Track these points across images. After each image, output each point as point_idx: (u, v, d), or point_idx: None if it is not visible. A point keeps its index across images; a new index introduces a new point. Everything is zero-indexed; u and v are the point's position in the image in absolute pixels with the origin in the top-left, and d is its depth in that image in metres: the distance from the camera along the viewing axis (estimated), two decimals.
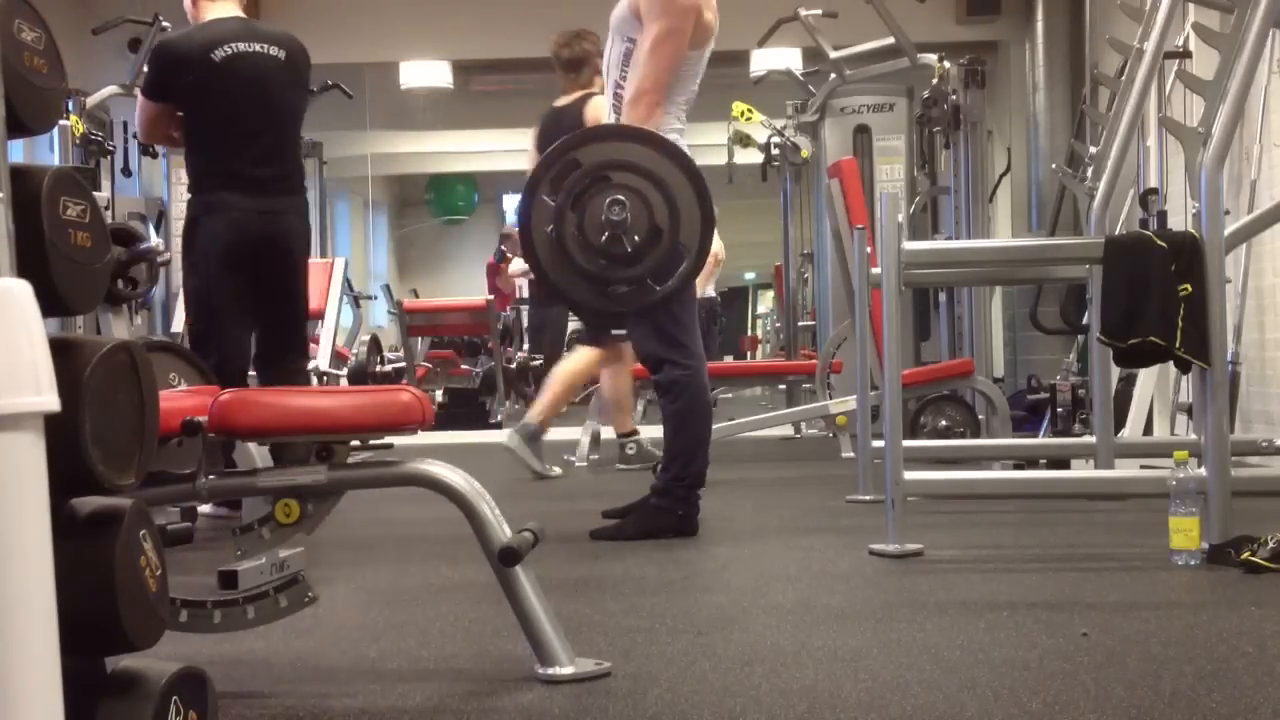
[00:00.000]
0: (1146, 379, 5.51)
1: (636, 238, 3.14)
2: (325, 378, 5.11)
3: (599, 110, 3.70)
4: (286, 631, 2.48)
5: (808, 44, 8.43)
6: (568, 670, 2.12)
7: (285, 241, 4.13)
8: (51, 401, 1.22)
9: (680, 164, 3.20)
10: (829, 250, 7.25)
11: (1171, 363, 3.27)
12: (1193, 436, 4.62)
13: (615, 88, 3.65)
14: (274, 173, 4.14)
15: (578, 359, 5.57)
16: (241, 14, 4.19)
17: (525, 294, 10.95)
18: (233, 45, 4.06)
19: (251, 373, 4.29)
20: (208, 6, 4.16)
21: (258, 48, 4.09)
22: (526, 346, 9.96)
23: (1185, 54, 5.53)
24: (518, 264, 10.98)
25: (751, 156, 8.66)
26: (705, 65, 3.71)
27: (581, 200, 3.15)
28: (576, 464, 6.05)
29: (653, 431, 5.20)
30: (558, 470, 5.53)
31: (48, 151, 6.75)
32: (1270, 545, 2.92)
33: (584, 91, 5.30)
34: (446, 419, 8.26)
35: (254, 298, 4.11)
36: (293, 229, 4.16)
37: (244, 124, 4.08)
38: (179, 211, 8.43)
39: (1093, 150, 4.62)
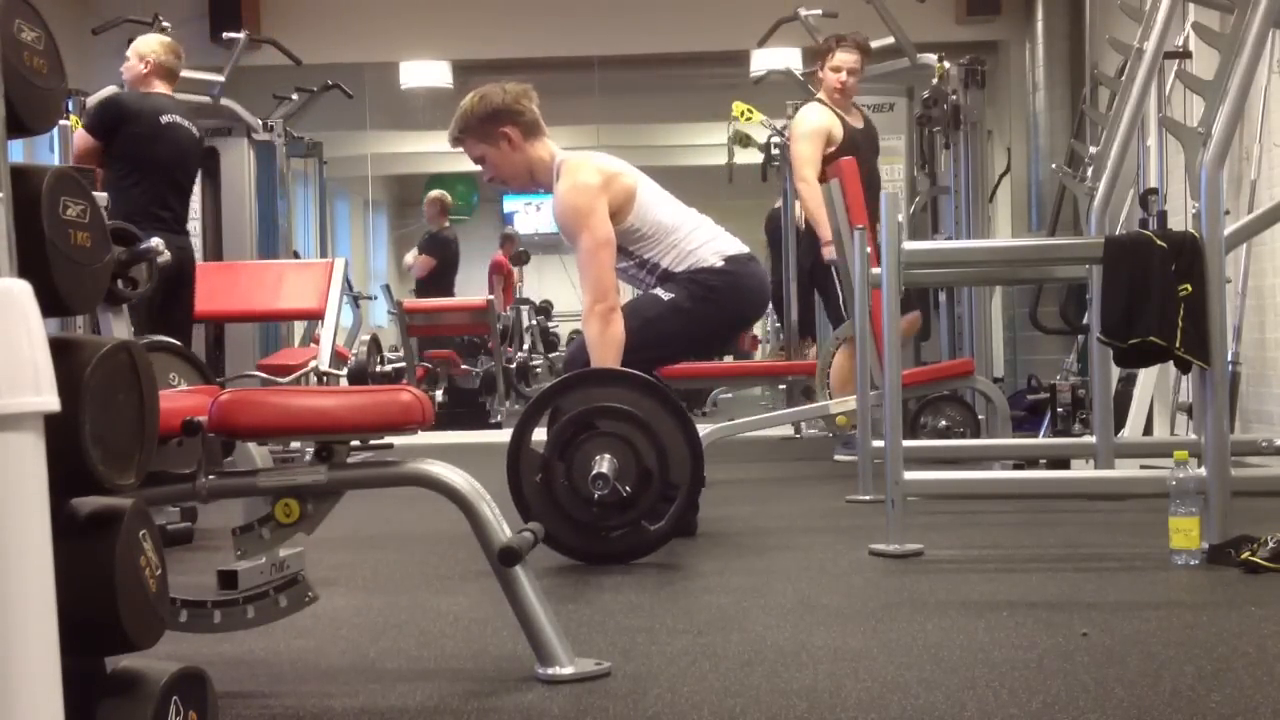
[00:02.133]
0: (1146, 379, 5.50)
1: (627, 486, 3.17)
2: (325, 378, 5.10)
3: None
4: (286, 631, 2.48)
5: (808, 44, 8.42)
6: (568, 670, 2.12)
7: (190, 267, 5.16)
8: (51, 401, 1.22)
9: (663, 402, 3.23)
10: None
11: (1171, 363, 3.27)
12: (1193, 436, 4.62)
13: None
14: (181, 215, 5.29)
15: (844, 355, 5.62)
16: (172, 94, 5.40)
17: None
18: (173, 116, 5.24)
19: (251, 373, 4.34)
20: (156, 82, 5.31)
21: (185, 123, 5.31)
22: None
23: (1185, 54, 5.53)
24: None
25: (751, 156, 8.65)
26: (663, 202, 3.72)
27: (569, 450, 3.18)
28: None
29: None
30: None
31: (48, 151, 6.74)
32: (1270, 545, 2.92)
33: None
34: (446, 419, 8.26)
35: (160, 309, 4.82)
36: (191, 258, 5.27)
37: (170, 176, 5.16)
38: None
39: (1093, 150, 4.62)
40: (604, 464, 3.15)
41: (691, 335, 3.77)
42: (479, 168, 3.86)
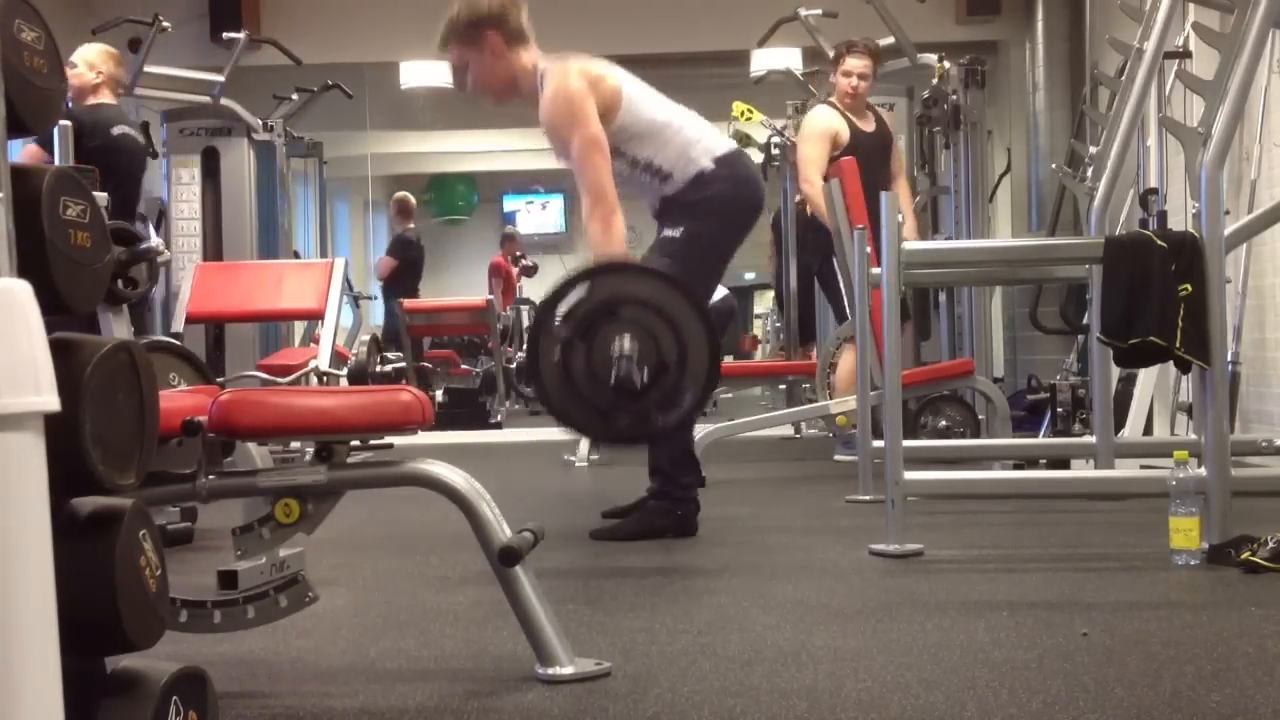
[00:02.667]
0: (1146, 379, 5.50)
1: (644, 374, 3.16)
2: (325, 378, 5.10)
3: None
4: (286, 631, 2.48)
5: (808, 44, 8.42)
6: (568, 670, 2.12)
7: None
8: (51, 401, 1.22)
9: (689, 299, 3.22)
10: None
11: (1171, 363, 3.27)
12: (1193, 436, 4.62)
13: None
14: (129, 221, 5.26)
15: (850, 353, 5.62)
16: (117, 103, 5.50)
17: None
18: (123, 127, 5.30)
19: (251, 373, 4.32)
20: (105, 92, 5.37)
21: (134, 132, 5.41)
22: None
23: (1185, 54, 5.53)
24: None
25: (751, 156, 8.65)
26: (649, 99, 3.70)
27: (590, 333, 3.18)
28: (576, 464, 6.05)
29: None
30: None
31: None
32: (1270, 545, 2.92)
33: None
34: (446, 419, 8.26)
35: None
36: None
37: (122, 188, 5.05)
38: (179, 211, 8.46)
39: (1093, 150, 4.62)
40: (626, 346, 3.13)
41: (718, 253, 3.76)
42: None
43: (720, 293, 9.43)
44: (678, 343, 3.14)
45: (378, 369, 6.82)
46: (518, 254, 12.79)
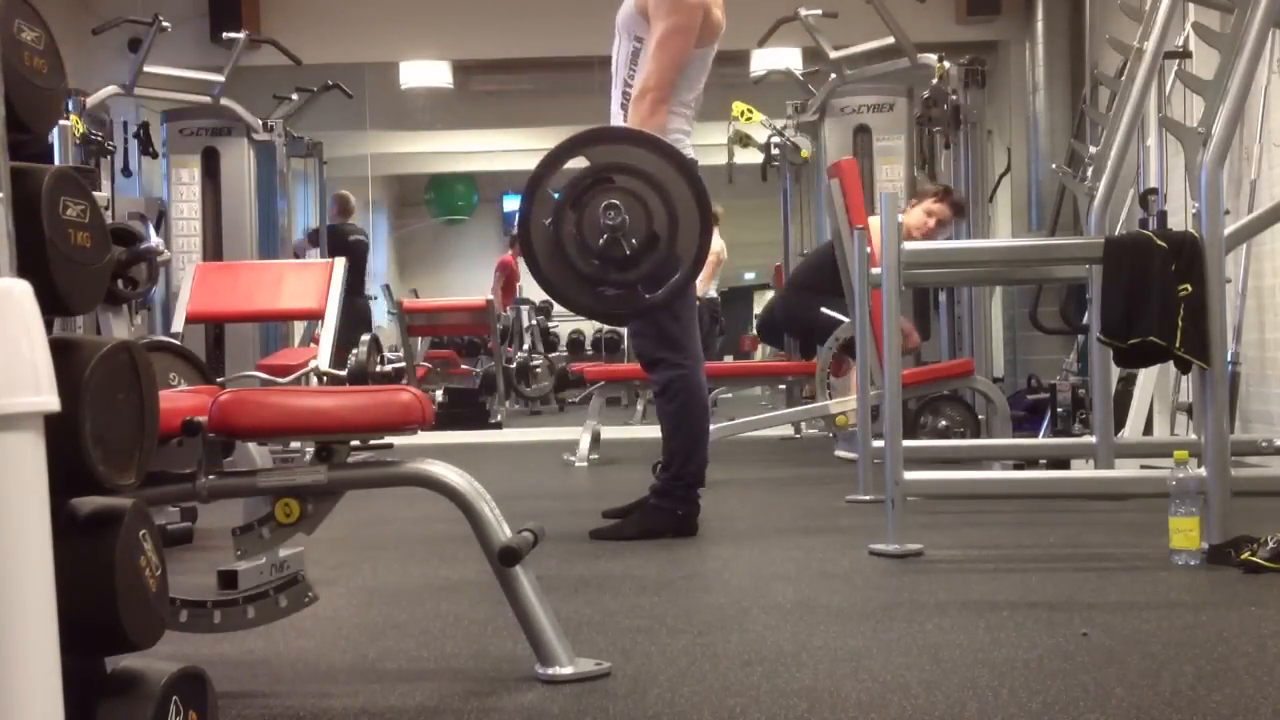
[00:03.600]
0: (1146, 379, 5.51)
1: (634, 242, 3.14)
2: (325, 378, 5.10)
3: None
4: (286, 631, 2.48)
5: (808, 44, 8.43)
6: (568, 670, 2.12)
7: None
8: (51, 401, 1.22)
9: (685, 173, 3.20)
10: None
11: (1171, 363, 3.27)
12: (1193, 436, 4.62)
13: (624, 86, 3.65)
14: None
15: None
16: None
17: None
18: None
19: (251, 373, 4.31)
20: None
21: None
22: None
23: (1185, 54, 5.53)
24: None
25: (751, 156, 8.65)
26: (710, 64, 3.71)
27: (582, 199, 3.15)
28: (576, 464, 6.05)
29: (652, 431, 5.20)
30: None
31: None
32: (1270, 545, 2.92)
33: None
34: (446, 419, 8.26)
35: None
36: None
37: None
38: (179, 211, 8.47)
39: (1093, 150, 4.62)
40: (614, 216, 3.11)
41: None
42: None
43: (710, 292, 9.44)
44: (669, 215, 3.12)
45: (378, 369, 6.82)
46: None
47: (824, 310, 6.09)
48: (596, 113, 4.02)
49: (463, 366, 10.15)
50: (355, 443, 2.21)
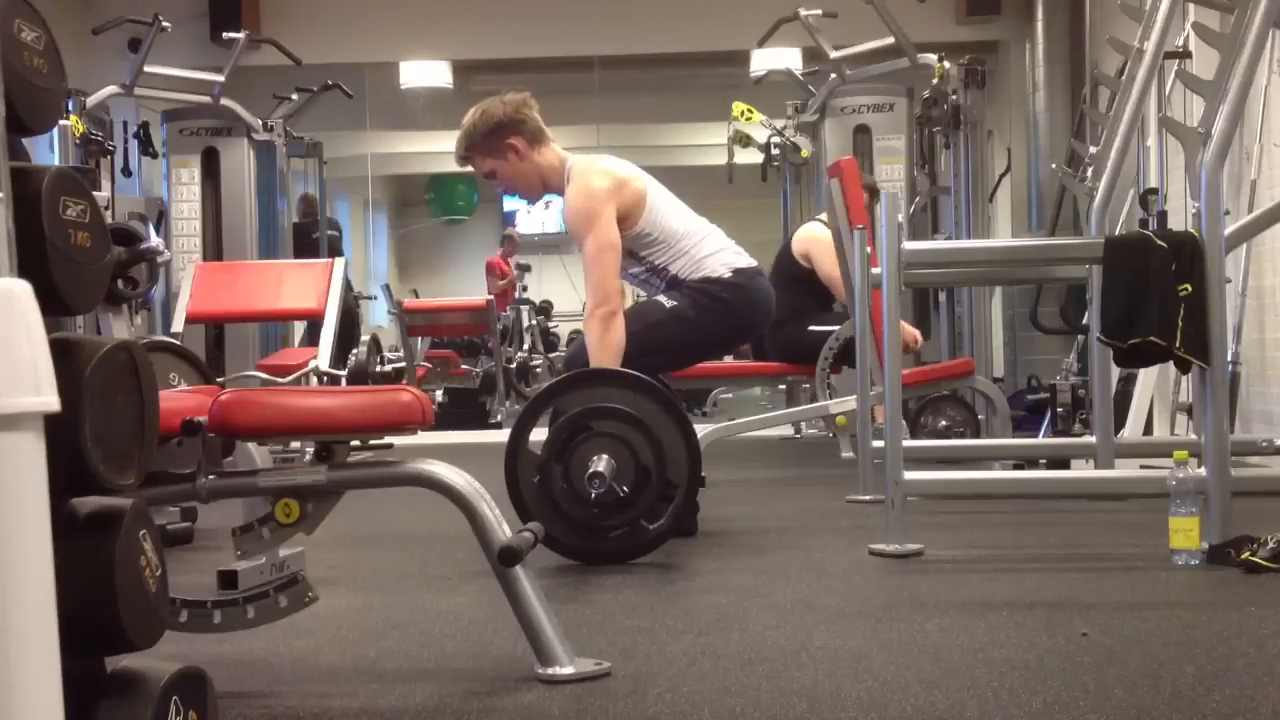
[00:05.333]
0: (1146, 379, 5.50)
1: (625, 485, 3.17)
2: (325, 378, 5.10)
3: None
4: (286, 631, 2.48)
5: (808, 44, 8.43)
6: (568, 670, 2.12)
7: None
8: (51, 401, 1.22)
9: (660, 402, 3.23)
10: None
11: (1171, 363, 3.27)
12: (1193, 436, 4.62)
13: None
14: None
15: None
16: None
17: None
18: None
19: (251, 373, 4.31)
20: None
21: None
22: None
23: (1185, 54, 5.53)
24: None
25: (751, 156, 8.66)
26: (673, 208, 3.72)
27: (565, 452, 3.18)
28: None
29: None
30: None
31: (48, 151, 6.75)
32: (1270, 545, 2.92)
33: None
34: (446, 419, 8.26)
35: None
36: None
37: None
38: (179, 211, 8.47)
39: (1093, 150, 4.62)
40: (601, 463, 3.15)
41: (692, 343, 3.76)
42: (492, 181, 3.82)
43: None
44: (654, 447, 3.16)
45: (378, 369, 6.81)
46: (512, 257, 12.78)
47: (811, 329, 6.12)
48: (597, 113, 4.02)
49: (463, 366, 10.14)
50: (355, 443, 2.21)
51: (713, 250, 3.71)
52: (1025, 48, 9.25)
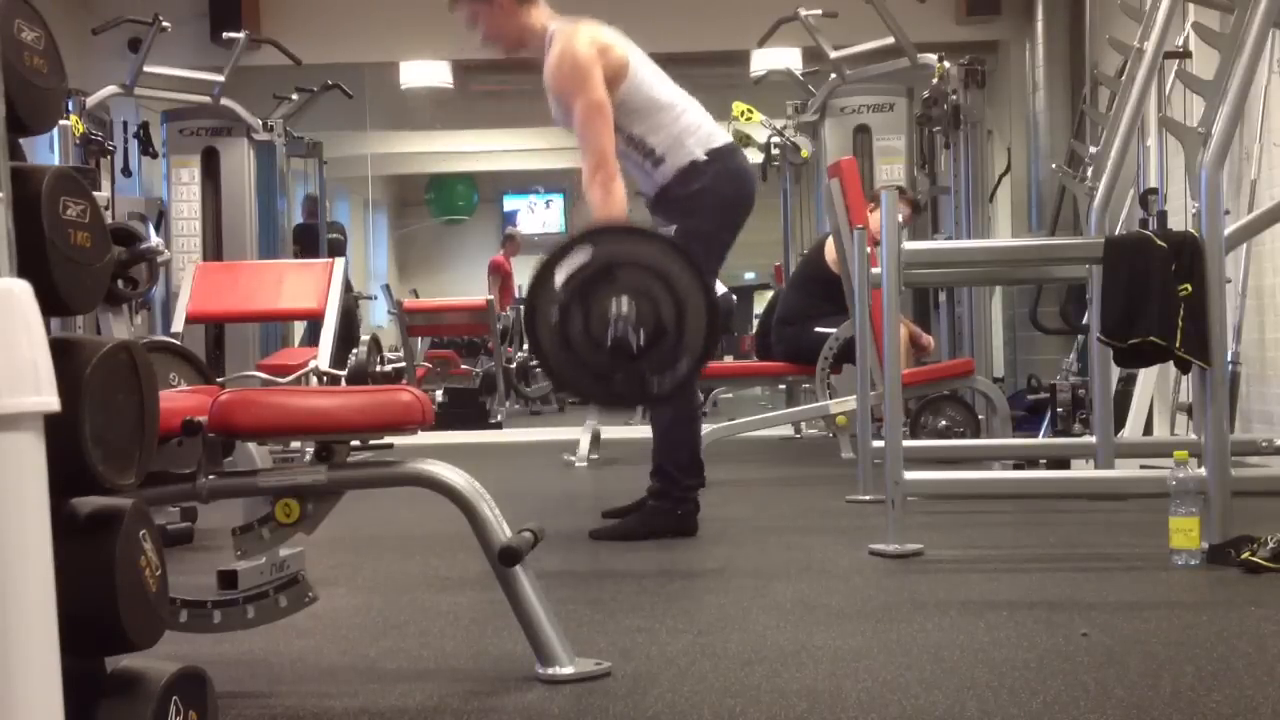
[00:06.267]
0: (1146, 379, 5.50)
1: (641, 336, 3.15)
2: (325, 378, 5.10)
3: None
4: (286, 631, 2.48)
5: (808, 44, 8.43)
6: (568, 670, 2.12)
7: None
8: (51, 401, 1.22)
9: (689, 264, 3.21)
10: None
11: (1171, 363, 3.27)
12: (1193, 436, 4.62)
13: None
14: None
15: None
16: None
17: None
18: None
19: (251, 373, 4.30)
20: None
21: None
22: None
23: (1185, 54, 5.53)
24: None
25: (751, 156, 8.64)
26: (652, 79, 3.70)
27: (588, 295, 3.17)
28: (576, 464, 6.05)
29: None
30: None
31: (48, 151, 6.75)
32: (1270, 545, 2.92)
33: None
34: (446, 419, 8.26)
35: None
36: None
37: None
38: (179, 211, 8.47)
39: (1093, 150, 4.62)
40: (624, 308, 3.12)
41: (713, 247, 3.73)
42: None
43: (719, 289, 9.44)
44: (675, 306, 3.13)
45: (378, 369, 6.82)
46: (514, 256, 12.81)
47: (817, 329, 6.15)
48: None
49: (463, 366, 10.14)
50: (355, 443, 2.21)
51: (691, 126, 3.67)
52: (1025, 48, 9.25)
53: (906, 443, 3.58)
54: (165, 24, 7.79)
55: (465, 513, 2.14)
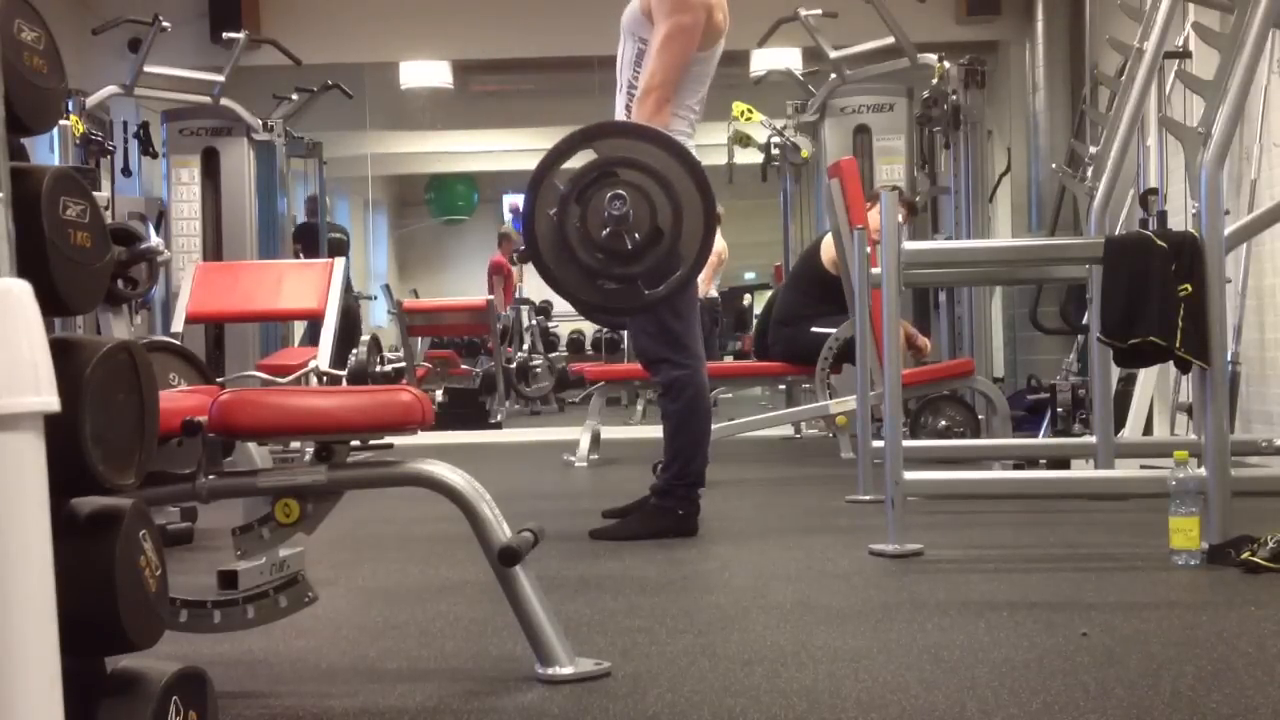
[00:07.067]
0: (1146, 379, 5.50)
1: (636, 236, 3.13)
2: (325, 378, 5.10)
3: None
4: (286, 631, 2.48)
5: (808, 44, 8.43)
6: (568, 670, 2.12)
7: None
8: (51, 401, 1.22)
9: (691, 171, 3.19)
10: None
11: (1171, 363, 3.27)
12: (1193, 436, 4.62)
13: (628, 87, 3.65)
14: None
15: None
16: None
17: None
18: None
19: (251, 373, 4.30)
20: None
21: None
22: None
23: (1185, 54, 5.53)
24: None
25: (751, 156, 8.66)
26: (715, 68, 3.70)
27: (587, 192, 3.14)
28: (576, 464, 6.05)
29: (652, 432, 5.20)
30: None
31: (48, 151, 6.75)
32: (1270, 545, 2.92)
33: None
34: (446, 419, 8.26)
35: None
36: None
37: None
38: (179, 211, 8.47)
39: (1093, 150, 4.62)
40: (618, 208, 3.10)
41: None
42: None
43: (710, 293, 9.45)
44: (674, 211, 3.11)
45: (378, 369, 6.82)
46: (518, 248, 12.80)
47: (814, 330, 6.16)
48: (596, 113, 4.02)
49: (463, 366, 10.14)
50: (355, 443, 2.21)
51: (690, 130, 3.65)
52: (1025, 48, 9.25)
53: (906, 443, 3.59)
54: (165, 24, 7.79)
55: (465, 513, 2.14)
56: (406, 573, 3.33)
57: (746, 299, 13.89)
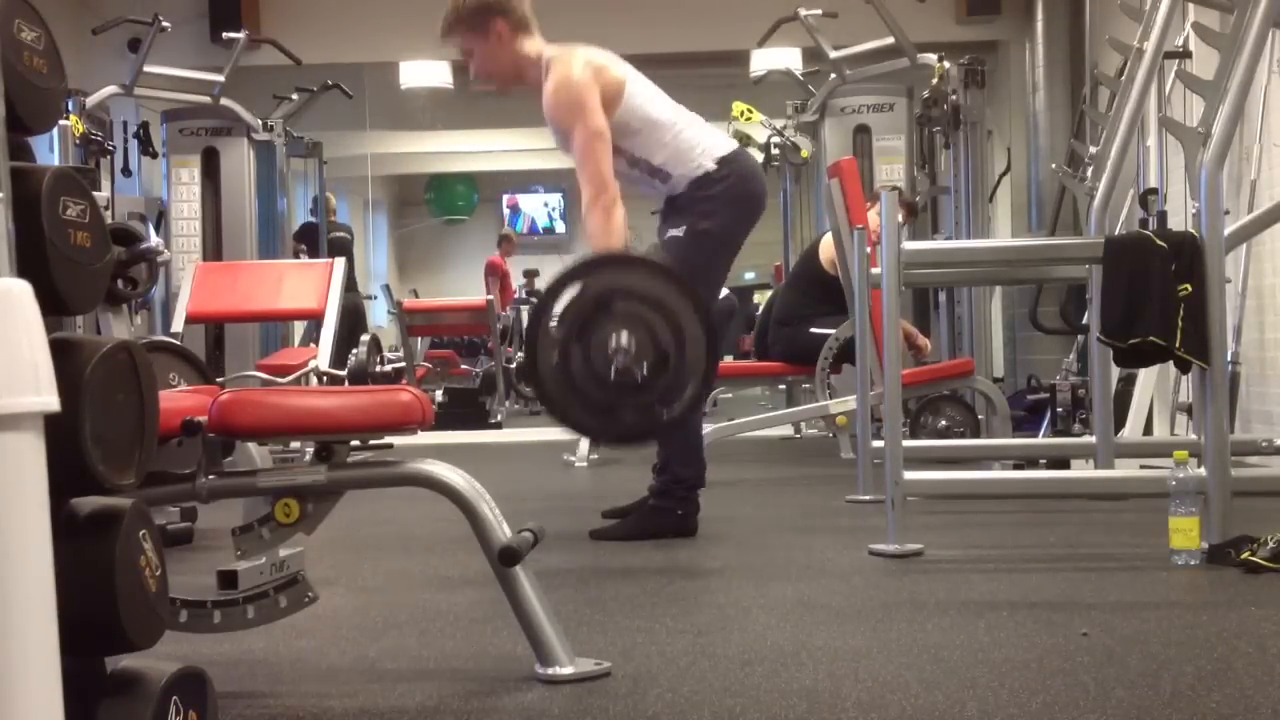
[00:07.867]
0: (1146, 379, 5.50)
1: (645, 366, 3.14)
2: (325, 378, 5.10)
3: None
4: (286, 631, 2.48)
5: (808, 44, 8.43)
6: (568, 670, 2.12)
7: None
8: (51, 401, 1.22)
9: (678, 286, 3.20)
10: None
11: (1171, 363, 3.27)
12: (1193, 436, 4.62)
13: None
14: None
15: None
16: None
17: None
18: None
19: (251, 373, 4.30)
20: None
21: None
22: None
23: (1185, 54, 5.53)
24: None
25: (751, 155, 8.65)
26: (652, 96, 3.68)
27: (586, 331, 3.15)
28: (576, 464, 6.05)
29: None
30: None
31: (48, 151, 6.75)
32: (1270, 545, 2.92)
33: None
34: (446, 419, 8.26)
35: None
36: None
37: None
38: (179, 211, 8.47)
39: (1093, 150, 4.62)
40: (624, 339, 3.10)
41: (722, 248, 3.71)
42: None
43: (721, 292, 9.45)
44: (674, 333, 3.11)
45: (378, 369, 6.82)
46: (510, 256, 12.84)
47: (813, 330, 6.17)
48: None
49: (463, 366, 10.14)
50: (355, 443, 2.21)
51: (694, 142, 3.65)
52: (1025, 48, 9.25)
53: (906, 443, 3.58)
54: (165, 24, 7.79)
55: (465, 513, 2.14)
56: (406, 573, 3.33)
57: (756, 298, 13.92)
